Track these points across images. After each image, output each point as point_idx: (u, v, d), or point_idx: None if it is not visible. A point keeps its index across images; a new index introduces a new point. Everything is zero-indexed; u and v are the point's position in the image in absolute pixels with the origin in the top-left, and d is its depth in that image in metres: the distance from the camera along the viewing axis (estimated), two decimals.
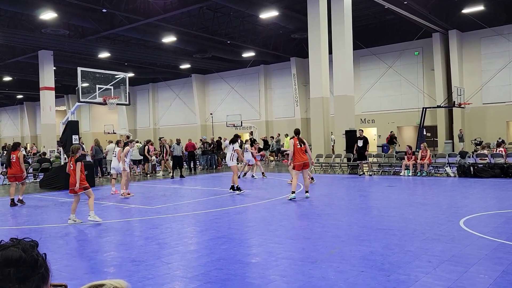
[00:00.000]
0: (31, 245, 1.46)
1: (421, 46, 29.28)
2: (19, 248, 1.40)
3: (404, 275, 4.84)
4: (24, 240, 1.46)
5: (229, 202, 10.93)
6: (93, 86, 15.54)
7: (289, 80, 35.29)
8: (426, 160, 15.94)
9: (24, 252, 1.40)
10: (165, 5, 21.95)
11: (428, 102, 28.26)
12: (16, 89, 44.86)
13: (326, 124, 20.27)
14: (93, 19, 23.72)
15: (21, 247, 1.41)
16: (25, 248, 1.42)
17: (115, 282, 1.10)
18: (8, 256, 1.38)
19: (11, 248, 1.40)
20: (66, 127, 15.57)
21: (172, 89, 44.32)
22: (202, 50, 30.47)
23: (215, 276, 5.02)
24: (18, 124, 59.97)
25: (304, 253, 5.92)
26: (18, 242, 1.44)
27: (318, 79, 20.00)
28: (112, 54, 30.66)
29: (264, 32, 29.12)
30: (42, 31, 24.32)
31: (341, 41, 19.41)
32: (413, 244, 6.16)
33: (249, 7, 22.65)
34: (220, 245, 6.46)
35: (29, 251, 1.42)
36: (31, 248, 1.44)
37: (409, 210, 8.94)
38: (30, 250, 1.43)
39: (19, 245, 1.42)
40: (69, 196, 13.03)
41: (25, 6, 20.89)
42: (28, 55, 30.27)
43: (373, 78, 31.46)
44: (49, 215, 9.97)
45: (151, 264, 5.56)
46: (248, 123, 33.74)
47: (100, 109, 45.11)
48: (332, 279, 4.79)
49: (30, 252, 1.42)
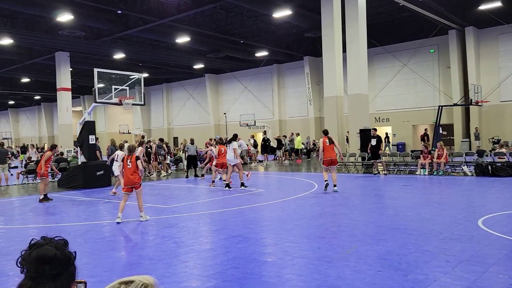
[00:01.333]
0: (63, 243, 1.50)
1: (436, 43, 28.93)
2: (52, 246, 1.44)
3: (422, 275, 4.80)
4: (54, 239, 1.50)
5: (244, 201, 10.96)
6: (109, 87, 15.72)
7: (302, 79, 35.21)
8: (443, 159, 15.75)
9: (57, 250, 1.44)
10: (178, 5, 22.09)
11: (444, 100, 27.90)
12: (33, 90, 45.63)
13: (340, 123, 20.18)
14: (108, 20, 23.99)
15: (54, 245, 1.45)
16: (58, 246, 1.46)
17: (143, 278, 1.13)
18: (43, 254, 1.41)
19: (45, 246, 1.44)
20: (83, 128, 15.78)
21: (186, 89, 44.56)
22: (216, 50, 30.58)
23: (232, 275, 5.05)
24: (36, 125, 60.97)
25: (320, 252, 5.91)
26: (50, 240, 1.48)
27: (332, 78, 19.92)
28: (127, 54, 30.98)
29: (277, 31, 29.09)
30: (59, 33, 24.68)
31: (355, 39, 19.28)
32: (430, 244, 6.11)
33: (262, 7, 22.65)
34: (236, 244, 6.50)
35: (61, 249, 1.46)
36: (63, 245, 1.48)
37: (425, 210, 8.86)
38: (63, 248, 1.47)
39: (52, 243, 1.46)
40: (85, 194, 13.25)
41: (42, 8, 21.23)
42: (45, 56, 30.76)
43: (388, 77, 31.19)
44: (67, 213, 10.13)
45: (168, 263, 5.62)
46: (262, 123, 33.76)
47: (115, 109, 45.62)
48: (349, 279, 4.78)
49: (63, 250, 1.46)
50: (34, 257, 1.41)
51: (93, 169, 15.21)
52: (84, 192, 13.93)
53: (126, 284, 1.11)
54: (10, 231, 8.28)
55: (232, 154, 13.33)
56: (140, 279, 1.12)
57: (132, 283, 1.11)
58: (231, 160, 13.41)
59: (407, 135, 30.55)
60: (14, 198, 13.48)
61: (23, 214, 10.43)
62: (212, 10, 24.08)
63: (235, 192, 12.62)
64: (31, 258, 1.41)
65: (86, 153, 15.71)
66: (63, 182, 15.76)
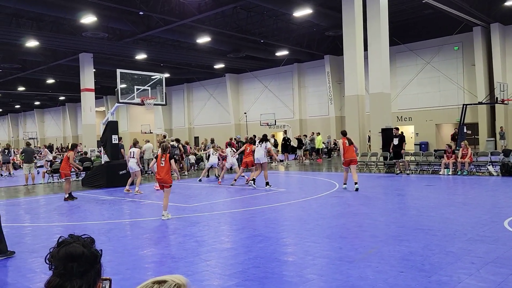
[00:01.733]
0: (90, 241, 1.53)
1: (460, 40, 28.36)
2: (80, 244, 1.48)
3: (446, 277, 4.72)
4: (82, 237, 1.54)
5: (265, 201, 10.97)
6: (131, 87, 15.95)
7: (323, 78, 35.00)
8: (467, 159, 15.43)
9: (84, 247, 1.47)
10: (199, 6, 22.24)
11: (468, 99, 27.32)
12: (58, 91, 46.64)
13: (361, 122, 19.98)
14: (130, 21, 24.34)
15: (81, 243, 1.49)
16: (85, 244, 1.49)
17: (176, 278, 1.15)
18: (71, 251, 1.45)
19: (73, 244, 1.47)
20: (106, 127, 16.05)
21: (206, 89, 44.84)
22: (236, 49, 30.68)
23: (253, 274, 5.07)
24: (61, 125, 62.32)
25: (341, 252, 5.88)
26: (78, 238, 1.52)
27: (353, 77, 19.75)
28: (149, 55, 31.36)
29: (298, 30, 28.99)
30: (82, 34, 25.16)
31: (377, 37, 19.06)
32: (454, 245, 6.00)
33: (282, 6, 22.61)
34: (257, 243, 6.51)
35: (88, 246, 1.50)
36: (90, 243, 1.52)
37: (449, 210, 8.70)
38: (90, 246, 1.51)
39: (79, 241, 1.49)
40: (108, 193, 13.48)
41: (67, 10, 21.69)
42: (69, 58, 31.39)
43: (410, 75, 30.73)
44: (91, 212, 10.33)
45: (190, 261, 5.67)
46: (282, 122, 33.71)
47: (137, 109, 46.22)
48: (371, 279, 4.74)
49: (89, 248, 1.50)
50: (62, 255, 1.45)
51: (116, 168, 15.44)
52: (107, 191, 14.18)
53: (159, 283, 1.13)
54: (36, 228, 8.49)
55: (262, 153, 13.64)
56: (173, 279, 1.14)
57: (165, 283, 1.12)
58: (261, 159, 13.63)
59: (430, 134, 30.04)
60: (40, 197, 13.81)
61: (48, 212, 10.68)
62: (232, 10, 24.16)
63: (256, 192, 12.64)
64: (59, 255, 1.45)
65: (109, 153, 15.97)
66: (86, 181, 16.07)
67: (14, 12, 23.28)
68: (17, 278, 5.28)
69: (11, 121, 71.57)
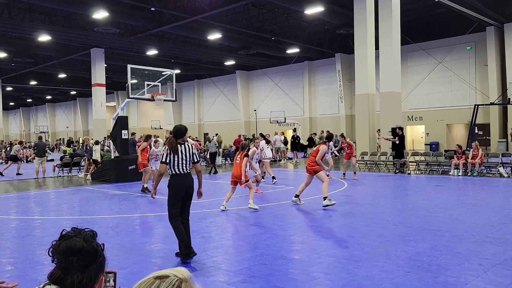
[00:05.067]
0: (91, 235, 1.55)
1: (473, 40, 28.03)
2: (81, 238, 1.50)
3: (453, 277, 4.69)
4: (84, 231, 1.56)
5: (272, 198, 10.98)
6: (141, 83, 16.03)
7: (333, 76, 34.85)
8: (478, 160, 15.28)
9: (85, 242, 1.49)
10: (211, 2, 22.26)
11: (480, 99, 27.02)
12: (70, 85, 47.05)
13: (372, 121, 19.87)
14: (142, 17, 24.44)
15: (82, 237, 1.51)
16: (86, 238, 1.51)
17: (177, 272, 1.15)
18: (71, 245, 1.47)
19: (74, 238, 1.50)
20: (116, 122, 16.15)
21: (216, 86, 44.90)
22: (247, 46, 30.66)
23: (259, 271, 5.08)
24: (72, 119, 62.89)
25: (348, 251, 5.86)
26: (79, 232, 1.54)
27: (364, 75, 19.63)
28: (160, 51, 31.48)
29: (309, 28, 28.88)
30: (94, 29, 25.31)
31: (388, 36, 18.92)
32: (462, 246, 5.95)
33: (294, 3, 22.54)
34: (263, 241, 6.52)
35: (89, 241, 1.52)
36: (91, 238, 1.54)
37: (458, 211, 8.63)
38: (91, 240, 1.53)
39: (80, 235, 1.51)
40: (118, 188, 13.58)
41: (79, 5, 21.85)
42: (81, 53, 31.63)
43: (422, 74, 30.47)
44: (100, 206, 10.42)
45: (197, 257, 5.70)
46: (292, 120, 33.65)
47: (148, 105, 46.48)
48: (377, 279, 4.72)
49: (90, 242, 1.52)
50: (63, 249, 1.47)
51: (126, 163, 15.56)
52: (116, 186, 14.29)
53: (161, 278, 1.13)
54: (46, 221, 8.60)
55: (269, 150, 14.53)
56: (175, 273, 1.14)
57: (167, 278, 1.12)
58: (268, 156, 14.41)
59: (441, 134, 29.78)
60: (50, 190, 13.96)
61: (58, 205, 10.79)
62: (244, 7, 24.14)
63: (264, 189, 12.64)
64: (60, 249, 1.48)
65: (119, 148, 16.08)
66: (96, 175, 16.21)
67: (27, 6, 23.50)
68: (26, 270, 5.36)
69: (23, 115, 72.36)
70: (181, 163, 5.62)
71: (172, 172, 5.66)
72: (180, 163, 5.62)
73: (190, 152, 5.69)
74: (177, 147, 5.62)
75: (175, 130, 5.79)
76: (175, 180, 5.63)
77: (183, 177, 5.63)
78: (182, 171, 5.64)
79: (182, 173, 5.63)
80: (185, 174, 5.66)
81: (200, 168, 5.92)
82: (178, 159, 5.61)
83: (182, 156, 5.62)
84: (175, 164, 5.62)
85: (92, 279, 1.49)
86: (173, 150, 5.61)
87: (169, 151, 5.62)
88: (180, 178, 5.62)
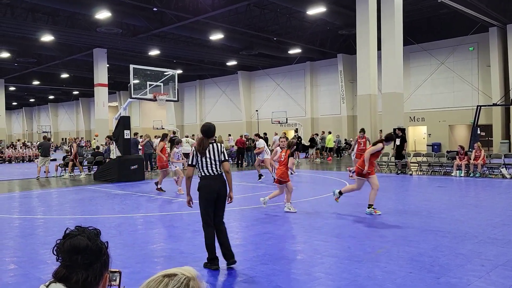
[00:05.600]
0: (95, 233, 1.57)
1: (476, 41, 28.01)
2: (85, 236, 1.51)
3: (455, 278, 4.69)
4: (88, 229, 1.57)
5: (275, 199, 10.97)
6: (144, 83, 16.07)
7: (335, 77, 34.86)
8: (480, 161, 15.26)
9: (89, 240, 1.51)
10: (213, 3, 22.29)
11: (483, 100, 27.01)
12: (72, 85, 47.18)
13: (374, 122, 19.87)
14: (145, 17, 24.50)
15: (86, 236, 1.52)
16: (90, 236, 1.53)
17: (185, 271, 1.16)
18: (76, 244, 1.49)
19: (78, 236, 1.51)
20: (119, 122, 16.18)
21: (218, 86, 44.95)
22: (249, 47, 30.70)
23: (261, 271, 5.09)
24: (74, 119, 63.02)
25: (350, 251, 5.87)
26: (83, 230, 1.55)
27: (366, 76, 19.64)
28: (162, 51, 31.54)
29: (311, 29, 28.90)
30: (97, 30, 25.39)
31: (390, 36, 18.92)
32: (464, 247, 5.95)
33: (296, 4, 22.57)
34: (265, 241, 6.53)
35: (93, 239, 1.53)
36: (95, 236, 1.55)
37: (460, 212, 8.63)
38: (95, 238, 1.54)
39: (84, 234, 1.53)
40: (120, 187, 13.61)
41: (82, 6, 21.93)
42: (83, 53, 31.72)
43: (424, 75, 30.46)
44: (102, 205, 10.44)
45: (199, 257, 5.71)
46: (294, 120, 33.66)
47: (150, 105, 46.55)
48: (379, 279, 4.73)
49: (94, 240, 1.53)
50: (67, 247, 1.48)
51: (128, 163, 15.59)
52: (118, 186, 14.32)
53: (169, 277, 1.14)
54: (49, 220, 8.62)
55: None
56: (182, 272, 1.16)
57: (175, 276, 1.14)
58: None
59: (443, 135, 29.76)
60: (53, 190, 14.00)
61: (60, 205, 10.82)
62: (246, 7, 24.17)
63: (265, 190, 12.66)
64: (64, 247, 1.49)
65: (121, 148, 16.11)
66: (99, 175, 16.24)
67: (30, 6, 23.59)
68: (29, 269, 5.38)
69: (26, 114, 72.54)
70: (209, 163, 5.20)
71: (201, 174, 5.26)
72: (209, 163, 5.20)
73: (218, 151, 5.25)
74: (206, 148, 5.20)
75: (205, 129, 5.29)
76: (205, 182, 5.22)
77: (213, 179, 5.21)
78: (212, 172, 5.21)
79: (212, 175, 5.21)
80: (216, 175, 5.22)
81: (229, 167, 5.35)
82: (206, 160, 5.19)
83: (210, 156, 5.20)
84: (204, 166, 5.21)
85: (97, 277, 1.50)
86: (201, 152, 5.20)
87: (196, 152, 5.23)
88: (210, 180, 5.21)
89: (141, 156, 17.28)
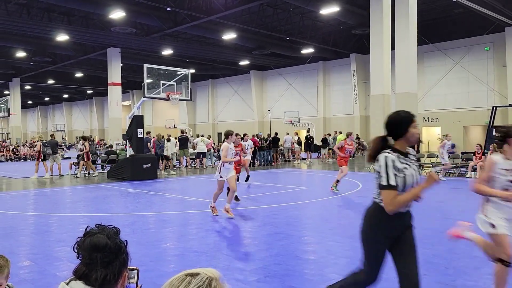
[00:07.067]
0: (114, 232, 1.58)
1: (492, 41, 27.61)
2: (104, 235, 1.52)
3: (471, 281, 4.63)
4: (108, 227, 1.58)
5: (286, 199, 10.96)
6: (157, 82, 16.17)
7: (348, 76, 34.66)
8: None
9: (109, 239, 1.52)
10: (226, 2, 22.33)
11: (498, 101, 26.62)
12: (86, 84, 47.69)
13: None
14: (158, 17, 24.65)
15: (106, 234, 1.53)
16: (109, 235, 1.54)
17: (208, 271, 1.17)
18: (95, 242, 1.50)
19: (97, 235, 1.52)
20: (132, 121, 16.31)
21: (230, 85, 45.02)
22: (261, 46, 30.69)
23: (274, 271, 5.08)
24: (88, 118, 63.67)
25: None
26: (103, 229, 1.56)
27: (379, 76, 19.48)
28: (175, 51, 31.69)
29: (324, 28, 28.79)
30: (111, 29, 25.61)
31: (405, 36, 18.74)
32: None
33: (309, 3, 22.50)
34: (278, 241, 6.52)
35: (113, 237, 1.54)
36: (114, 235, 1.56)
37: (475, 214, 8.49)
38: (114, 237, 1.55)
39: (104, 232, 1.54)
40: (133, 186, 13.70)
41: (97, 5, 22.15)
42: (98, 52, 32.04)
43: (439, 75, 30.12)
44: (116, 204, 10.53)
45: (212, 255, 5.73)
46: (306, 120, 33.57)
47: (162, 104, 46.82)
48: (393, 281, 4.68)
49: (114, 239, 1.54)
50: (87, 245, 1.50)
51: (141, 162, 15.70)
52: (131, 184, 14.42)
53: (192, 276, 1.16)
54: (63, 218, 8.72)
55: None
56: (205, 272, 1.17)
57: (198, 275, 1.15)
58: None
59: (457, 136, 29.37)
60: (66, 188, 14.16)
61: (74, 203, 10.94)
62: (259, 7, 24.17)
63: (278, 190, 12.65)
64: (84, 245, 1.50)
65: (134, 146, 16.23)
66: (112, 173, 16.39)
67: (46, 6, 23.89)
68: (45, 266, 5.44)
69: (41, 113, 73.52)
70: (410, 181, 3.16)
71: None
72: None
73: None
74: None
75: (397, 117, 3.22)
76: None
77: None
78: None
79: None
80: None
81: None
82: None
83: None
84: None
85: (116, 275, 1.51)
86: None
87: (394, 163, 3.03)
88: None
89: (153, 155, 17.39)
